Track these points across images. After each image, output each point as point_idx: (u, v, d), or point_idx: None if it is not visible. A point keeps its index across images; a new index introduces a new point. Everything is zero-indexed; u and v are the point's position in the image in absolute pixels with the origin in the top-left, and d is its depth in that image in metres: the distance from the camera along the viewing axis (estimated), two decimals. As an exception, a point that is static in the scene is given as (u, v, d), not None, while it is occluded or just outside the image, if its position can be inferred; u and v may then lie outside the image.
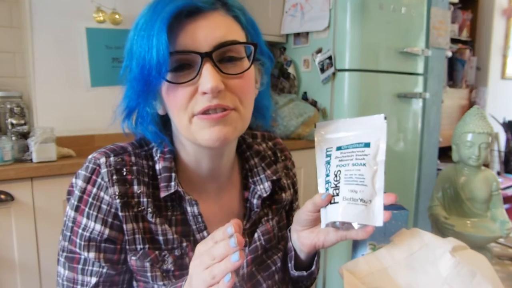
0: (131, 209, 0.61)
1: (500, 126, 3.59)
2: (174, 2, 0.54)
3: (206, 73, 0.54)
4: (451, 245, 0.57)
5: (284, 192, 0.76)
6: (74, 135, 1.75)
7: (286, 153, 0.81)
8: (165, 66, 0.53)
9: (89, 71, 1.79)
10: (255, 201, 0.70)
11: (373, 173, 0.56)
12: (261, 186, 0.70)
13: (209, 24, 0.55)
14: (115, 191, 0.60)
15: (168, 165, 0.64)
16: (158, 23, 0.53)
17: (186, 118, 0.57)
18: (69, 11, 1.73)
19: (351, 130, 0.61)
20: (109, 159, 0.62)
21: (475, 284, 0.53)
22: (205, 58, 0.54)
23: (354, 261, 0.60)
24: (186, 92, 0.56)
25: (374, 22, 2.08)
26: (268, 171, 0.72)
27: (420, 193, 2.49)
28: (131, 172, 0.62)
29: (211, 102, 0.55)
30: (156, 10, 0.54)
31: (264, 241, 0.70)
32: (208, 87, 0.53)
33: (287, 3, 2.29)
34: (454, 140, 1.09)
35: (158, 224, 0.62)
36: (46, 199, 1.41)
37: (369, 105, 2.14)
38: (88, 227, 0.60)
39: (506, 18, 3.77)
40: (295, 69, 2.32)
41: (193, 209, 0.64)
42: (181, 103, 0.56)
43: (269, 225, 0.71)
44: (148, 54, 0.53)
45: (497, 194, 1.07)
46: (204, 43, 0.55)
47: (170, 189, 0.62)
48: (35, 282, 1.41)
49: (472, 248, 0.60)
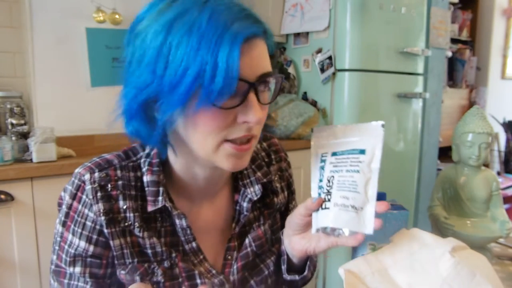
0: (118, 224, 0.60)
1: (500, 126, 3.59)
2: (239, 24, 0.51)
3: (252, 104, 0.53)
4: (451, 245, 0.57)
5: (276, 196, 0.75)
6: (74, 135, 1.75)
7: (281, 154, 0.79)
8: (228, 94, 0.50)
9: (89, 71, 1.79)
10: (245, 204, 0.69)
11: (367, 181, 0.55)
12: (252, 189, 0.69)
13: (259, 53, 0.54)
14: (100, 208, 0.59)
15: (156, 179, 0.62)
16: (228, 44, 0.49)
17: (215, 142, 0.55)
18: (69, 11, 1.73)
19: (347, 136, 0.60)
20: (94, 175, 0.60)
21: (475, 284, 0.53)
22: (252, 88, 0.53)
23: (354, 261, 0.60)
24: (226, 117, 0.53)
25: (374, 22, 2.08)
26: (259, 173, 0.72)
27: (420, 193, 2.49)
28: (116, 187, 0.61)
29: (249, 132, 0.55)
30: (214, 21, 0.50)
31: (255, 247, 0.69)
32: (253, 120, 0.53)
33: (287, 3, 2.29)
34: (454, 140, 1.09)
35: (146, 238, 0.62)
36: (46, 199, 1.41)
37: (369, 105, 2.14)
38: (73, 244, 0.60)
39: (506, 18, 3.77)
40: (295, 69, 2.32)
41: (181, 222, 0.63)
42: (217, 127, 0.54)
43: (261, 231, 0.71)
44: (210, 73, 0.49)
45: (497, 194, 1.07)
46: (252, 71, 0.53)
47: (157, 204, 0.61)
48: (35, 282, 1.41)
49: (472, 248, 0.60)
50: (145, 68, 0.53)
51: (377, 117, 2.17)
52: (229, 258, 0.68)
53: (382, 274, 0.57)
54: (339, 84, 2.11)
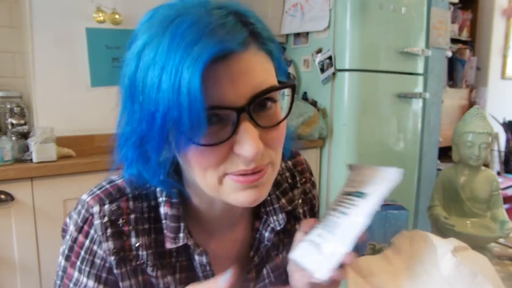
0: (129, 263, 0.55)
1: (500, 126, 3.59)
2: (202, 43, 0.41)
3: (244, 135, 0.44)
4: (453, 246, 0.57)
5: (298, 222, 0.68)
6: (74, 135, 1.75)
7: (306, 176, 0.71)
8: (202, 130, 0.42)
9: (89, 71, 1.79)
10: (267, 234, 0.62)
11: (349, 227, 0.50)
12: (275, 218, 0.62)
13: (243, 70, 0.44)
14: (110, 247, 0.53)
15: (176, 213, 0.55)
16: (187, 72, 0.41)
17: (216, 178, 0.48)
18: (69, 11, 1.73)
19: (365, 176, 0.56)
20: (104, 207, 0.54)
21: (476, 284, 0.53)
22: (242, 114, 0.44)
23: (358, 260, 0.60)
24: (219, 152, 0.46)
25: (374, 22, 2.08)
26: (283, 200, 0.65)
27: (420, 193, 2.49)
28: (129, 222, 0.55)
29: (248, 166, 0.46)
30: (175, 45, 0.42)
31: (273, 277, 0.64)
32: (248, 154, 0.44)
33: (287, 3, 2.29)
34: (454, 140, 1.09)
35: (160, 277, 0.56)
36: (46, 199, 1.41)
37: (369, 105, 2.14)
38: (80, 282, 0.55)
39: (506, 18, 3.77)
40: (295, 69, 2.32)
41: (202, 259, 0.57)
42: (211, 164, 0.46)
43: (279, 260, 0.65)
44: (175, 112, 0.41)
45: (497, 194, 1.07)
46: (238, 95, 0.44)
47: (178, 241, 0.55)
48: (35, 282, 1.41)
49: (472, 248, 0.60)
50: (125, 110, 0.48)
51: (377, 117, 2.17)
52: None
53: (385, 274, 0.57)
54: (339, 84, 2.11)
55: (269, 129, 0.48)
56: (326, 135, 2.16)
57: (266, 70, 0.47)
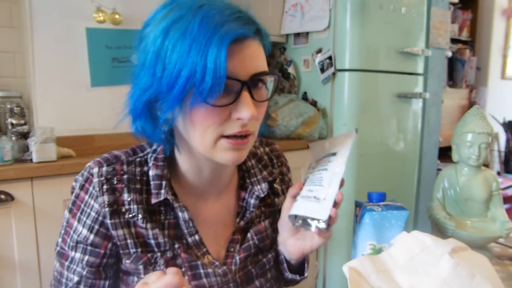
0: (122, 215, 0.64)
1: (500, 126, 3.59)
2: (228, 26, 0.54)
3: (245, 101, 0.56)
4: (451, 246, 0.57)
5: (277, 197, 0.79)
6: (74, 135, 1.75)
7: (282, 159, 0.84)
8: (218, 92, 0.54)
9: (89, 71, 1.79)
10: (253, 201, 0.73)
11: (332, 176, 0.62)
12: (259, 187, 0.74)
13: (251, 53, 0.57)
14: (104, 200, 0.64)
15: (160, 172, 0.66)
16: (216, 45, 0.52)
17: (213, 138, 0.59)
18: (69, 11, 1.73)
19: (332, 146, 0.68)
20: (102, 169, 0.65)
21: (475, 284, 0.53)
22: (244, 86, 0.56)
23: (359, 260, 0.60)
24: (221, 114, 0.57)
25: (374, 22, 2.08)
26: (265, 172, 0.77)
27: (420, 193, 2.49)
28: (121, 181, 0.65)
29: (244, 128, 0.58)
30: (205, 24, 0.53)
31: (257, 240, 0.73)
32: (246, 116, 0.56)
33: (287, 3, 2.29)
34: (454, 140, 1.09)
35: (149, 229, 0.65)
36: (46, 199, 1.41)
37: (369, 105, 2.14)
38: (77, 230, 0.65)
39: (506, 18, 3.77)
40: (295, 69, 2.32)
41: (184, 214, 0.66)
42: (212, 124, 0.57)
43: (262, 226, 0.75)
44: (200, 74, 0.53)
45: (497, 194, 1.07)
46: (245, 71, 0.56)
47: (160, 196, 0.65)
48: (35, 282, 1.41)
49: (472, 248, 0.60)
50: (146, 71, 0.58)
51: (377, 117, 2.17)
52: (231, 250, 0.71)
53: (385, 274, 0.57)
54: (339, 84, 2.11)
55: (258, 103, 0.60)
56: (326, 135, 2.17)
57: (263, 59, 0.61)
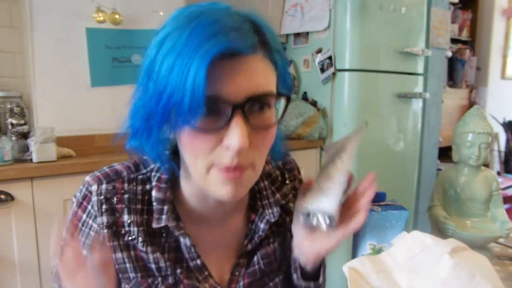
0: (121, 238, 0.61)
1: (500, 126, 3.59)
2: (216, 39, 0.46)
3: (235, 127, 0.48)
4: (451, 246, 0.57)
5: (289, 215, 0.72)
6: (74, 135, 1.75)
7: (295, 173, 0.77)
8: (198, 115, 0.47)
9: (89, 71, 1.79)
10: (262, 225, 0.67)
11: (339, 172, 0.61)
12: (270, 211, 0.67)
13: (246, 71, 0.49)
14: (103, 221, 0.60)
15: (162, 196, 0.61)
16: (197, 62, 0.46)
17: (204, 167, 0.52)
18: (69, 11, 1.73)
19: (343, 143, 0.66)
20: (101, 186, 0.61)
21: (475, 284, 0.53)
22: (237, 110, 0.48)
23: (359, 260, 0.60)
24: (210, 140, 0.50)
25: (374, 22, 2.08)
26: (278, 195, 0.70)
27: (420, 193, 2.49)
28: (122, 200, 0.61)
29: (232, 161, 0.50)
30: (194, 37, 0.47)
31: (263, 265, 0.68)
32: (235, 144, 0.48)
33: (287, 3, 2.29)
34: (454, 140, 1.09)
35: (150, 253, 0.61)
36: (46, 199, 1.41)
37: (369, 105, 2.14)
38: None
39: (506, 18, 3.77)
40: (295, 69, 2.32)
41: (185, 241, 0.62)
42: (202, 151, 0.51)
43: (270, 249, 0.69)
44: (178, 94, 0.46)
45: (497, 194, 1.07)
46: (238, 92, 0.49)
47: (161, 222, 0.61)
48: (35, 282, 1.41)
49: (472, 248, 0.60)
50: (140, 86, 0.54)
51: (377, 117, 2.17)
52: (236, 274, 0.67)
53: (385, 274, 0.57)
54: (339, 84, 2.11)
55: (259, 131, 0.52)
56: (326, 135, 2.17)
57: (267, 77, 0.52)
